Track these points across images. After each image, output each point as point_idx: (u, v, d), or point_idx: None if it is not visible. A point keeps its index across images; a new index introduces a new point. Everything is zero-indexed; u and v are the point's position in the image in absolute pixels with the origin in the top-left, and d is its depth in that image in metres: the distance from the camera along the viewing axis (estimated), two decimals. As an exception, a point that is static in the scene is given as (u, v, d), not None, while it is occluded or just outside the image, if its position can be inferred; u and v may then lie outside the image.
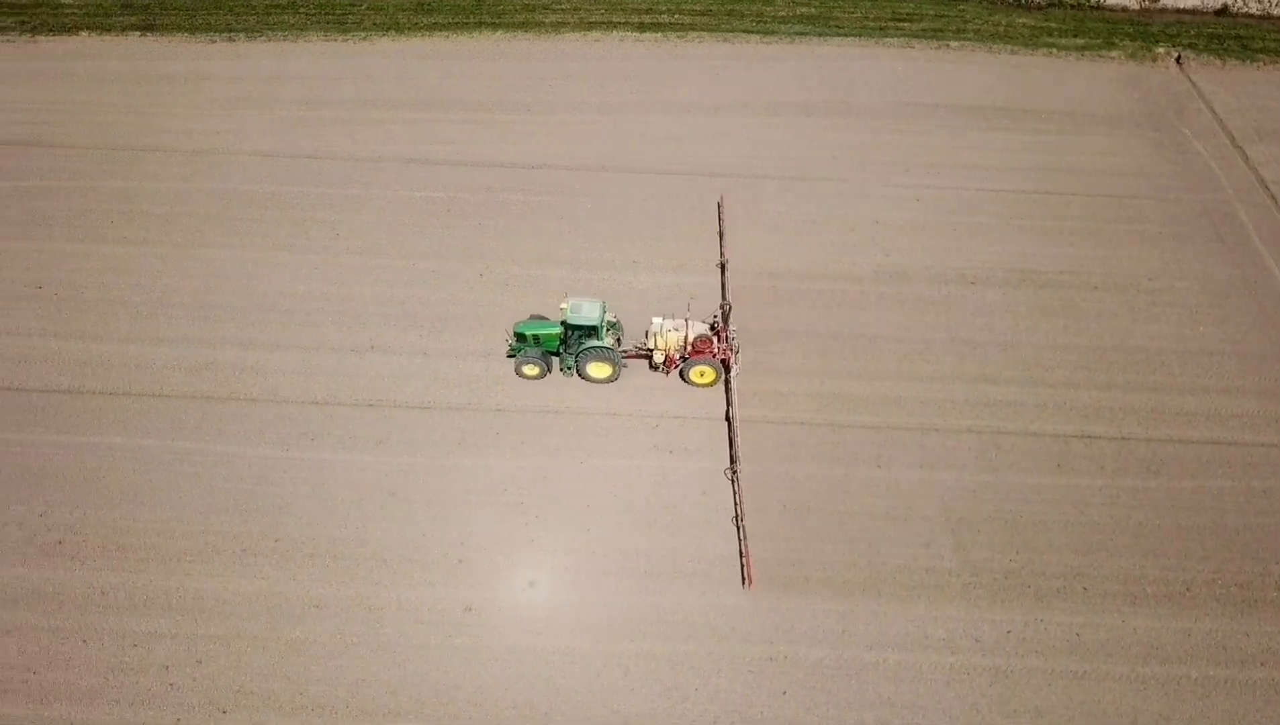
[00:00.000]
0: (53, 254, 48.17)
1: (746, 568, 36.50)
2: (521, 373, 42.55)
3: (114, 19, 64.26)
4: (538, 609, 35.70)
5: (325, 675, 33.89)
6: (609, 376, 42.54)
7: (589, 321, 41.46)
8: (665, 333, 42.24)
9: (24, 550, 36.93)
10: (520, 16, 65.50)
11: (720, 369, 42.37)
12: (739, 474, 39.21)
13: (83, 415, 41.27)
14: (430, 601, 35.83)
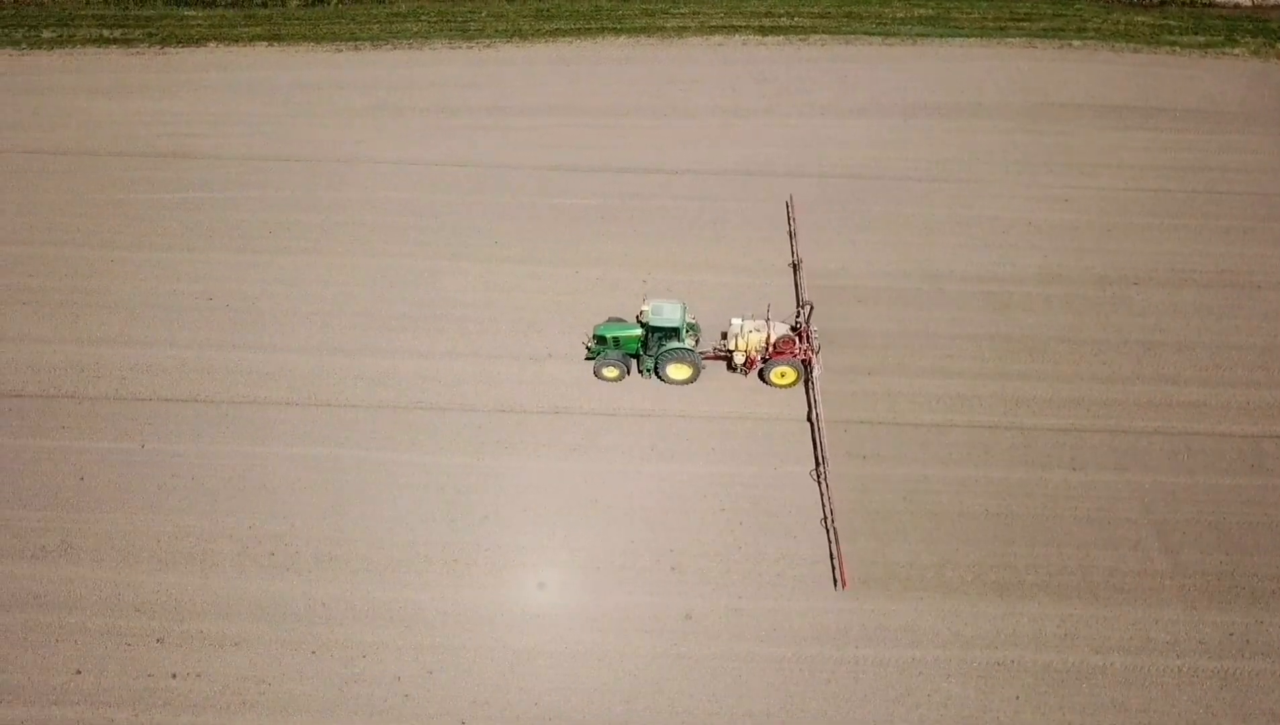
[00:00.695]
0: (218, 265, 48.13)
1: (839, 568, 36.07)
2: (601, 375, 42.40)
3: (240, 30, 64.26)
4: (756, 617, 35.36)
5: (558, 684, 33.69)
6: (689, 378, 42.31)
7: (671, 323, 41.26)
8: (746, 333, 41.89)
9: (239, 563, 36.83)
10: (641, 21, 65.24)
11: (802, 369, 41.96)
12: (824, 475, 38.87)
13: (275, 426, 41.18)
14: (650, 609, 35.57)
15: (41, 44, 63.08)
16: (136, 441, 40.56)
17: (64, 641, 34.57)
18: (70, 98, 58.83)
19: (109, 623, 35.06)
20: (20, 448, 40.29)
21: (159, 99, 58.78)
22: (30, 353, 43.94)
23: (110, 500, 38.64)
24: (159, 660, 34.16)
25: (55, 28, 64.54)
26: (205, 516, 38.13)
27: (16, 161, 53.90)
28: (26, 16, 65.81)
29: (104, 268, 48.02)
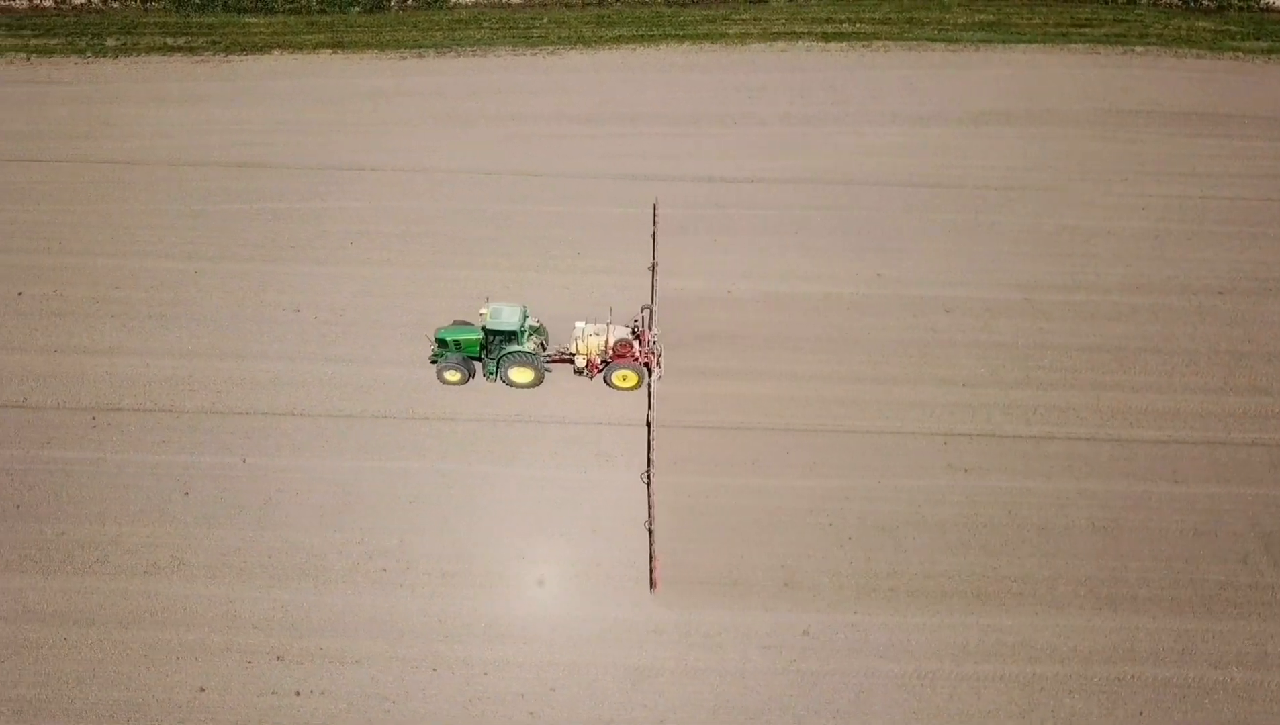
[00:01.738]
0: (303, 276, 47.89)
1: (655, 570, 36.06)
2: (443, 378, 42.38)
3: (303, 37, 63.89)
4: (874, 631, 35.22)
5: (681, 702, 33.60)
6: (532, 381, 42.19)
7: (508, 326, 41.00)
8: (586, 337, 41.82)
9: (351, 578, 36.74)
10: (703, 28, 64.95)
11: (643, 373, 41.88)
12: (651, 478, 38.86)
13: (375, 440, 41.04)
14: (767, 625, 35.44)
15: (106, 52, 62.70)
16: (238, 456, 40.38)
17: (185, 659, 34.45)
18: (140, 107, 58.47)
19: (228, 639, 35.00)
20: (124, 462, 40.17)
21: (228, 107, 58.39)
22: (124, 366, 43.77)
23: (217, 515, 38.52)
24: (281, 678, 34.06)
25: (119, 35, 64.14)
26: (313, 532, 37.99)
27: (95, 172, 53.62)
28: (89, 24, 65.40)
29: (190, 279, 47.75)
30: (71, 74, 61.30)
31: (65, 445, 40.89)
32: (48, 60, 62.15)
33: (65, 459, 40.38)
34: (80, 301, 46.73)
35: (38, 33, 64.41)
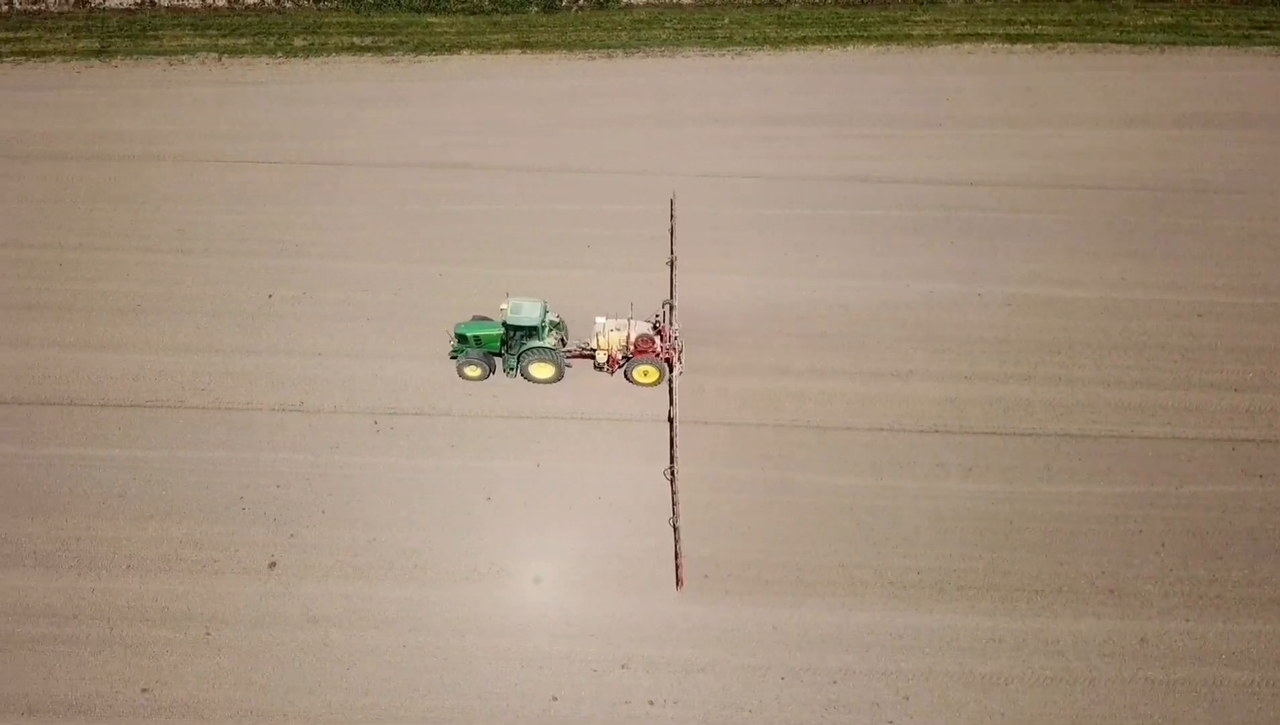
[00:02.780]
0: (542, 280, 46.74)
1: (680, 568, 35.96)
2: (464, 374, 41.98)
3: (490, 37, 63.31)
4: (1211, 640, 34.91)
5: (1036, 711, 33.13)
6: (552, 377, 41.77)
7: (529, 322, 40.66)
8: (607, 332, 41.44)
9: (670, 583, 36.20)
10: (885, 29, 64.38)
11: (664, 368, 41.53)
12: (675, 475, 38.78)
13: (698, 444, 40.38)
14: (1104, 633, 35.01)
15: (296, 52, 62.05)
16: (531, 461, 39.91)
17: (530, 667, 34.05)
18: (339, 107, 57.86)
19: (568, 647, 34.55)
20: (417, 467, 39.61)
21: (427, 108, 57.81)
22: (391, 369, 43.44)
23: (524, 520, 38.07)
24: (631, 686, 33.58)
25: (306, 35, 63.47)
26: (626, 538, 37.49)
27: (312, 173, 53.09)
28: (273, 24, 64.71)
29: (432, 282, 47.18)
30: (265, 74, 60.64)
31: (353, 449, 40.36)
32: (239, 60, 61.48)
33: (357, 464, 39.85)
34: (331, 303, 46.20)
35: (224, 32, 63.75)
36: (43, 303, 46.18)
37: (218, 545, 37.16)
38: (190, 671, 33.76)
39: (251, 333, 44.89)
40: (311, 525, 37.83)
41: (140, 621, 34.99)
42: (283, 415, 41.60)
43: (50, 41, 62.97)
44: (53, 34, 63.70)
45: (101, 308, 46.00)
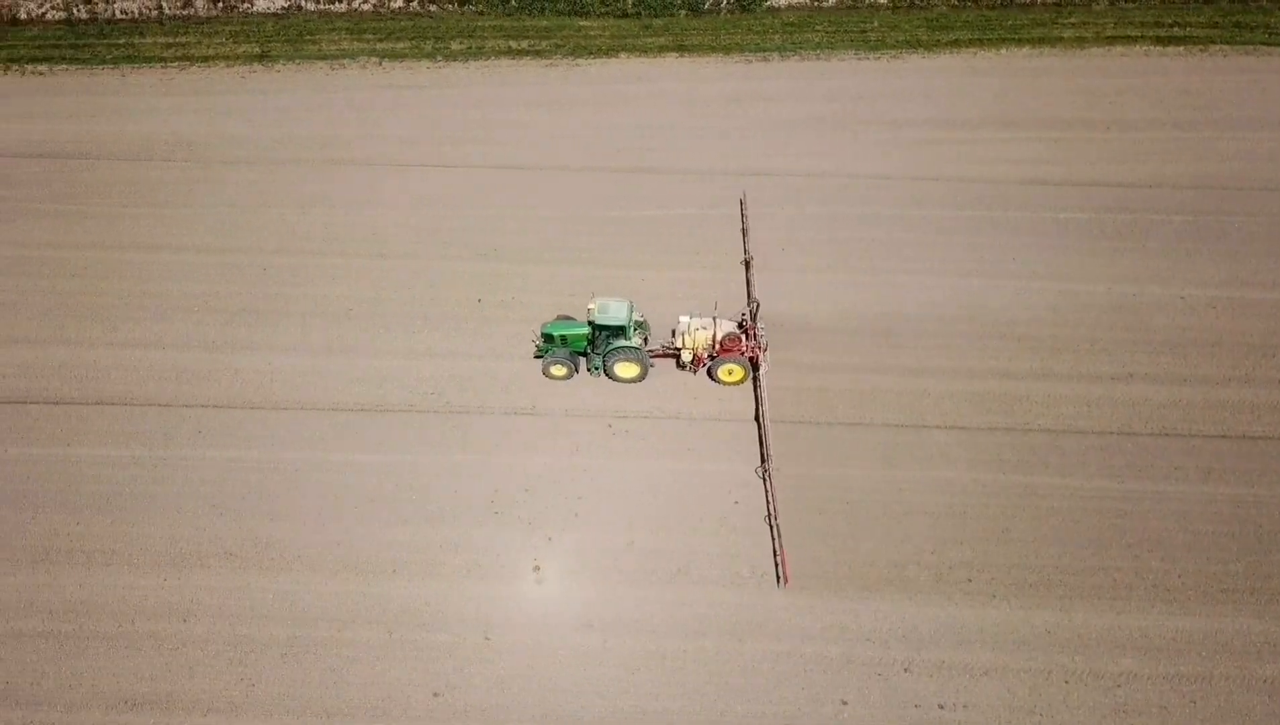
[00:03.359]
0: (755, 284, 47.08)
1: (783, 564, 35.80)
2: (549, 374, 41.95)
3: (645, 40, 63.25)
4: None
5: None
6: (636, 376, 41.64)
7: (617, 321, 40.60)
8: (693, 331, 41.25)
9: (937, 587, 36.07)
10: (1036, 31, 64.23)
11: (749, 367, 41.30)
12: (769, 473, 38.42)
13: (939, 451, 40.29)
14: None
15: (455, 55, 62.01)
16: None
17: (816, 671, 33.87)
18: (509, 110, 57.82)
19: (846, 650, 34.43)
20: (657, 469, 39.57)
21: (594, 111, 57.79)
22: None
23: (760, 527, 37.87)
24: (918, 690, 33.47)
25: (462, 39, 63.42)
26: (893, 542, 37.40)
27: (492, 177, 52.98)
28: (428, 28, 64.66)
29: (634, 286, 46.90)
30: (427, 78, 60.66)
31: (593, 452, 40.30)
32: (399, 64, 61.50)
33: (599, 466, 39.81)
34: (543, 308, 45.97)
35: (380, 36, 63.74)
36: (253, 307, 46.16)
37: (479, 549, 37.07)
38: (477, 675, 33.68)
39: (468, 336, 44.82)
40: (567, 529, 37.71)
41: (417, 626, 34.90)
42: (515, 418, 41.49)
43: (210, 46, 62.99)
44: (211, 39, 63.69)
45: (313, 312, 45.93)
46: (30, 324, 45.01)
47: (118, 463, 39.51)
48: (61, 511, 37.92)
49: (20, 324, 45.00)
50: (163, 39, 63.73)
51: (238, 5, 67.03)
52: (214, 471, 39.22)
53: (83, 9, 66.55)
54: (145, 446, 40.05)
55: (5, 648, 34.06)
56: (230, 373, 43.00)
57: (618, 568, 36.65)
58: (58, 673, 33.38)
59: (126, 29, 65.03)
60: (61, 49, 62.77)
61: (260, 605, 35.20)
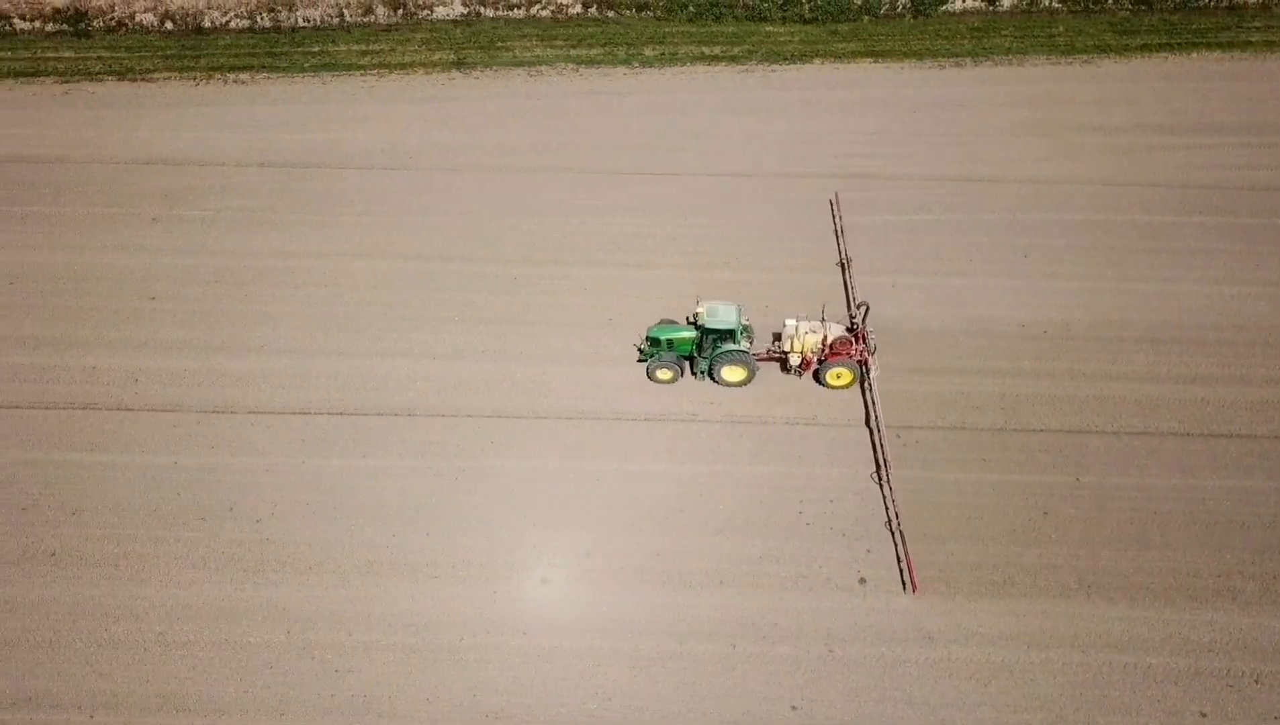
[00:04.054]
0: (986, 290, 46.58)
1: (910, 570, 35.16)
2: (655, 377, 41.47)
3: (837, 46, 63.10)
4: None
5: None
6: (743, 380, 41.24)
7: (726, 325, 40.21)
8: (802, 334, 40.74)
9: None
10: (1222, 36, 64.10)
11: (858, 371, 40.75)
12: (887, 479, 37.98)
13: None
14: None
15: (650, 61, 61.70)
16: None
17: (1178, 684, 33.34)
18: (714, 116, 57.51)
19: (1194, 663, 33.94)
20: (949, 482, 39.15)
21: (804, 118, 57.42)
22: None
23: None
24: (1272, 701, 33.08)
25: (654, 45, 63.10)
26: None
27: (716, 185, 52.50)
28: (617, 35, 64.35)
29: (884, 292, 46.63)
30: (625, 84, 60.37)
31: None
32: (595, 70, 61.20)
33: (898, 477, 39.45)
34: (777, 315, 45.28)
35: (572, 42, 63.47)
36: (510, 317, 45.65)
37: (799, 561, 36.66)
38: (830, 688, 33.35)
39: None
40: (885, 540, 37.30)
41: (759, 638, 34.60)
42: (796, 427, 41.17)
43: (405, 54, 62.82)
44: (404, 46, 63.51)
45: (574, 322, 45.33)
46: (296, 335, 44.72)
47: (418, 473, 39.13)
48: (374, 523, 37.63)
49: (287, 335, 44.69)
50: (356, 46, 63.50)
51: (416, 12, 66.66)
52: (517, 481, 38.81)
53: (266, 17, 66.25)
54: (443, 457, 39.68)
55: (356, 658, 33.79)
56: (508, 382, 42.68)
57: (948, 580, 36.21)
58: (412, 685, 33.14)
59: (318, 36, 64.83)
60: (259, 57, 62.56)
61: (597, 620, 34.84)
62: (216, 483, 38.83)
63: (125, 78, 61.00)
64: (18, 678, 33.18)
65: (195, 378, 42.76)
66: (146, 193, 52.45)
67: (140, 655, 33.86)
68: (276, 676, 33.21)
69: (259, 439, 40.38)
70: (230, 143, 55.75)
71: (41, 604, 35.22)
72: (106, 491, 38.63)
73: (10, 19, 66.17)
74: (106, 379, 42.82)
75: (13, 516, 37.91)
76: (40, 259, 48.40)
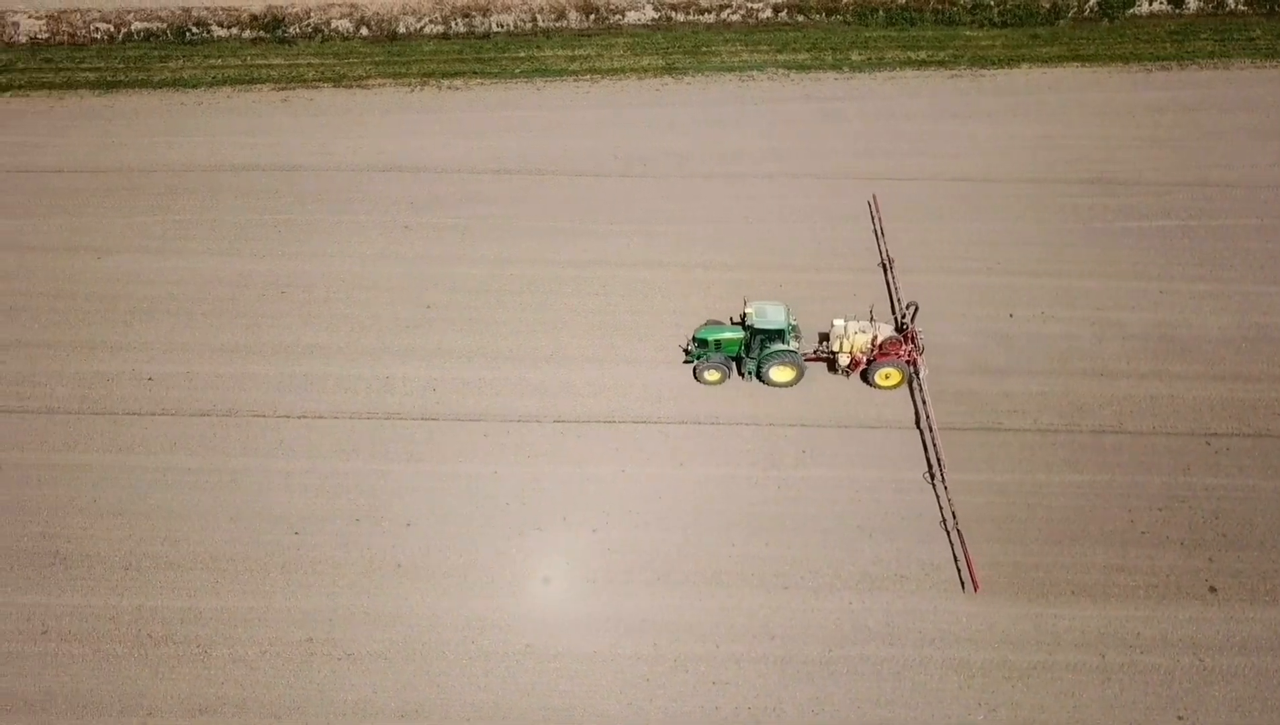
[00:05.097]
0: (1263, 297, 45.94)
1: (971, 569, 34.68)
2: (703, 378, 40.95)
3: (1039, 50, 62.22)
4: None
5: None
6: (792, 380, 40.64)
7: (776, 325, 39.66)
8: (852, 335, 40.12)
9: None
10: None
11: (907, 371, 40.13)
12: (941, 479, 37.46)
13: None
14: None
15: (859, 66, 61.03)
16: None
17: None
18: (935, 121, 56.78)
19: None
20: None
21: (1028, 122, 56.47)
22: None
23: None
24: None
25: (859, 50, 62.44)
26: None
27: (957, 189, 51.74)
28: (820, 39, 63.68)
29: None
30: (840, 89, 59.91)
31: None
32: (806, 75, 60.76)
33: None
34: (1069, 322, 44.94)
35: (776, 47, 62.99)
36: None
37: (1149, 571, 36.06)
38: (1215, 697, 32.76)
39: (1014, 351, 43.72)
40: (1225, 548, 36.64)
41: (1128, 648, 34.04)
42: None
43: (610, 59, 62.28)
44: (608, 51, 63.02)
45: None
46: (580, 342, 44.20)
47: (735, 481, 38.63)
48: (714, 532, 37.14)
49: (571, 342, 44.15)
50: (562, 51, 62.92)
51: (608, 17, 66.09)
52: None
53: (461, 23, 65.73)
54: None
55: (728, 670, 33.34)
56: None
57: None
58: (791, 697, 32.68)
59: (519, 42, 64.29)
60: (468, 62, 62.07)
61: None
62: (544, 493, 38.38)
63: (340, 84, 60.44)
64: (396, 691, 32.69)
65: (493, 386, 42.31)
66: (391, 200, 51.96)
67: (514, 667, 33.39)
68: (654, 689, 32.71)
69: (574, 448, 39.92)
70: (460, 149, 55.27)
71: (401, 616, 34.76)
72: (436, 501, 38.19)
73: (208, 25, 65.74)
74: (403, 388, 42.34)
75: (347, 528, 37.42)
76: (306, 267, 48.00)
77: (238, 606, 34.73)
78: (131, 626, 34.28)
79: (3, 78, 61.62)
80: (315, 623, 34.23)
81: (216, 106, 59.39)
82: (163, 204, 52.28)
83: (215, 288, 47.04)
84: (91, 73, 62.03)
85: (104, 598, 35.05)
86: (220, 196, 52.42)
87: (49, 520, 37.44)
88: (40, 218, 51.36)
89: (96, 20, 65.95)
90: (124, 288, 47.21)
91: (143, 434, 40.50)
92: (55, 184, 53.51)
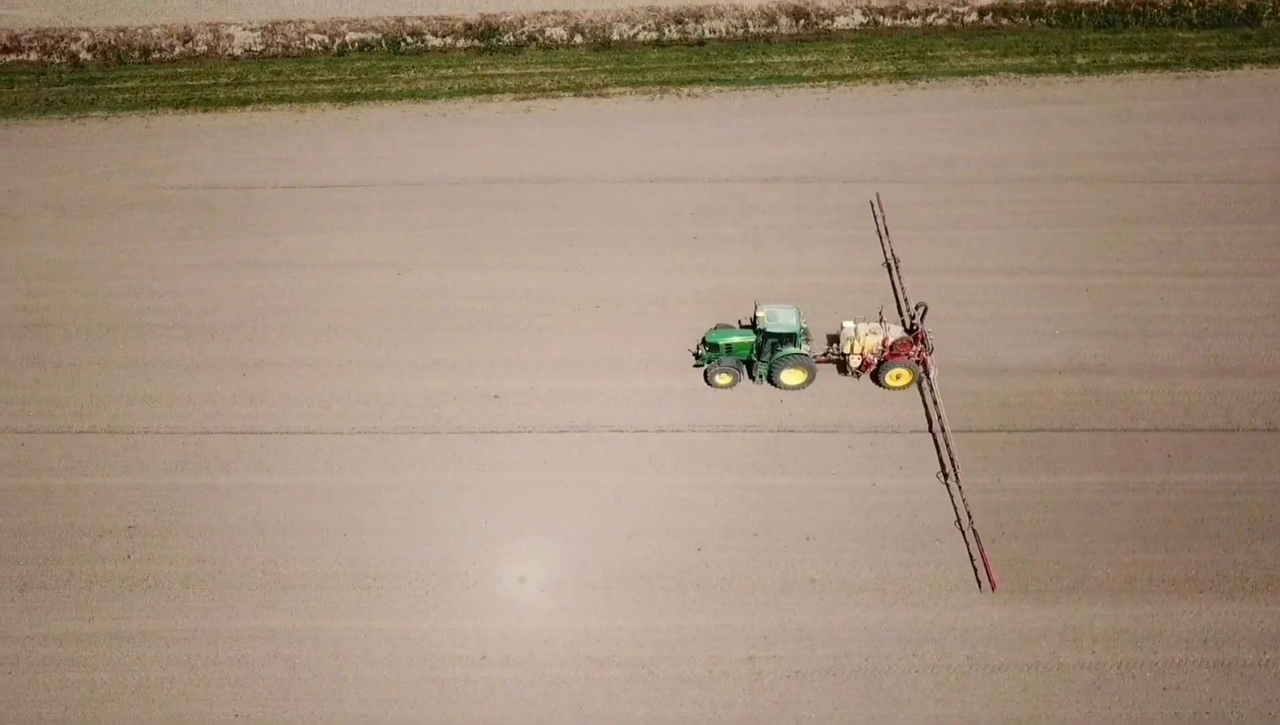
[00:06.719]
0: None
1: (988, 568, 34.52)
2: (714, 382, 40.78)
3: (1253, 50, 61.87)
4: None
5: None
6: (803, 383, 40.60)
7: (787, 328, 39.49)
8: (862, 336, 40.09)
9: None
10: None
11: (918, 371, 40.26)
12: (956, 480, 37.15)
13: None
14: None
15: (1086, 70, 60.66)
16: None
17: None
18: (1180, 124, 56.49)
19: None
20: None
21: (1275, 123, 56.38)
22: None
23: None
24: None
25: (1082, 53, 62.04)
26: None
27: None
28: (1041, 43, 63.33)
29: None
30: (1074, 92, 59.69)
31: None
32: (1037, 79, 60.26)
33: None
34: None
35: (999, 52, 62.54)
36: (1114, 330, 44.69)
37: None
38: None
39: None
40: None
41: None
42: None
43: (841, 65, 61.73)
44: (836, 57, 62.47)
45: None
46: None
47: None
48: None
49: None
50: (790, 58, 62.26)
51: (817, 22, 65.44)
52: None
53: (673, 29, 64.92)
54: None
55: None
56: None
57: None
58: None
59: (739, 48, 63.60)
60: (699, 70, 61.33)
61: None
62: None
63: (580, 93, 59.57)
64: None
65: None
66: (669, 211, 51.14)
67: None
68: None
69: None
70: (721, 157, 54.54)
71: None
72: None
73: (423, 35, 64.63)
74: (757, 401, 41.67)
75: (746, 540, 36.82)
76: (609, 281, 47.00)
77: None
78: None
79: (240, 91, 60.29)
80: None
81: (461, 117, 58.43)
82: (439, 218, 51.30)
83: (526, 303, 46.15)
84: (326, 85, 60.87)
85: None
86: (497, 210, 51.54)
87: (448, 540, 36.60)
88: (332, 233, 50.33)
89: (311, 31, 64.69)
90: (438, 303, 46.19)
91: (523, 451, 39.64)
92: (330, 199, 52.42)
